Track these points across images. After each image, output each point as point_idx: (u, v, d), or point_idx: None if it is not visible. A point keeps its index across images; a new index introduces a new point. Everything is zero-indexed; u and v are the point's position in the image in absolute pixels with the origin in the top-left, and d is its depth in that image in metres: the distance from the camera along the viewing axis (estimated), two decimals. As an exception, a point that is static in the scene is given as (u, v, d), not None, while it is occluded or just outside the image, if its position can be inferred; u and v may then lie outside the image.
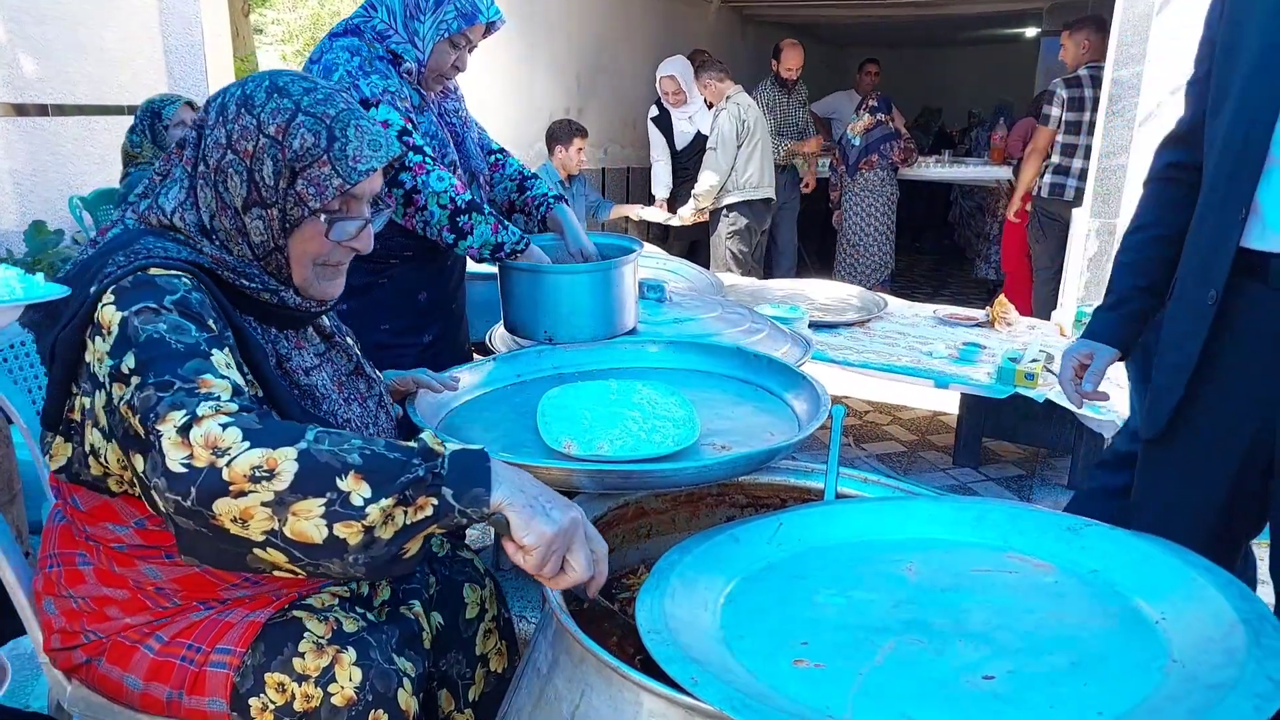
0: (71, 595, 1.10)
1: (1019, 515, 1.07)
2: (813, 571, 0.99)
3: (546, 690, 0.92)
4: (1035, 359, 2.88)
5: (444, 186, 1.63)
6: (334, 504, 0.79)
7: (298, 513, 0.79)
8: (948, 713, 0.73)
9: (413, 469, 0.82)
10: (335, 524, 0.79)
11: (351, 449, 0.82)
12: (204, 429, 0.81)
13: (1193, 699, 0.71)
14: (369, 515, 0.80)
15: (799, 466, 1.37)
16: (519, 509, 0.84)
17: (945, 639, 0.84)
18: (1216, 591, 0.87)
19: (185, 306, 0.94)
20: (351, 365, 1.23)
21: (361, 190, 1.06)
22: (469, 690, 1.29)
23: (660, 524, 1.34)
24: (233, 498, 0.79)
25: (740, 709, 0.68)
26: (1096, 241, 3.73)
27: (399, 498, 0.81)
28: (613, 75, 5.99)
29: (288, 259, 1.07)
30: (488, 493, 0.84)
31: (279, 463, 0.79)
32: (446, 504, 0.83)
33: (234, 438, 0.80)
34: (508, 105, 4.85)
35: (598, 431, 1.28)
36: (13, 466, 2.22)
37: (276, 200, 1.02)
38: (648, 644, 0.79)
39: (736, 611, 0.90)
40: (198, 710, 1.06)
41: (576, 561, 0.88)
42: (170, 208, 1.04)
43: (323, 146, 1.02)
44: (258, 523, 0.80)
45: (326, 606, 1.12)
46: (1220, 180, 1.29)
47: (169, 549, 1.05)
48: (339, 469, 0.80)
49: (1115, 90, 3.58)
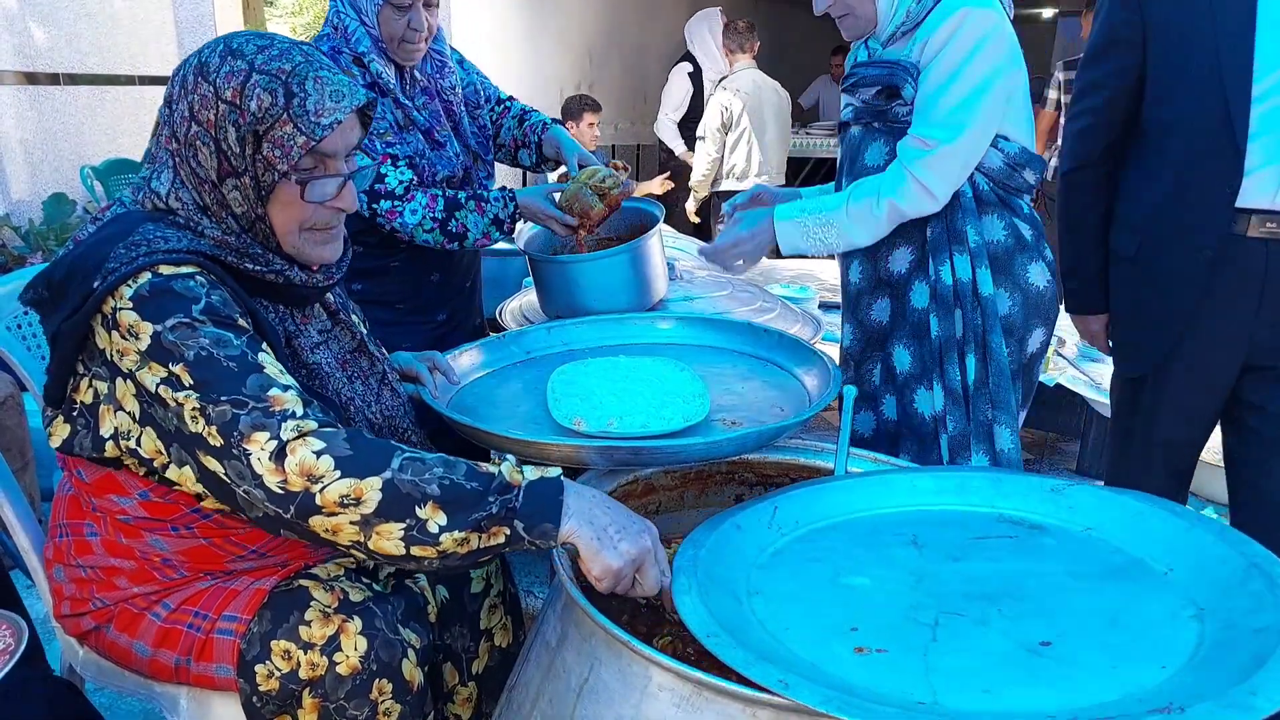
0: (80, 564, 1.10)
1: (1000, 480, 1.09)
2: (823, 554, 0.99)
3: (555, 663, 0.92)
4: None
5: (419, 217, 1.66)
6: (412, 529, 0.87)
7: (381, 533, 0.88)
8: (1025, 683, 0.73)
9: (487, 505, 0.88)
10: (412, 546, 0.88)
11: (432, 479, 0.88)
12: (298, 458, 0.88)
13: (1246, 644, 0.72)
14: (443, 543, 0.88)
15: (808, 445, 1.36)
16: (586, 542, 0.90)
17: (982, 609, 0.84)
18: (1214, 539, 0.89)
19: (214, 313, 0.95)
20: (355, 343, 1.23)
21: (332, 146, 1.01)
22: (473, 664, 1.30)
23: (669, 500, 1.34)
24: (325, 517, 0.88)
25: (845, 709, 0.67)
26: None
27: (475, 530, 0.88)
28: (624, 50, 5.92)
29: (272, 228, 1.03)
30: (556, 528, 0.90)
31: (365, 492, 0.87)
32: (517, 534, 0.89)
33: (327, 466, 0.88)
34: (519, 81, 4.81)
35: (608, 408, 1.28)
36: (25, 435, 2.23)
37: (246, 168, 0.99)
38: (713, 649, 0.77)
39: (769, 603, 0.89)
40: (205, 676, 1.07)
41: (645, 580, 0.93)
42: (164, 190, 1.01)
43: (281, 105, 0.97)
44: (345, 535, 0.89)
45: (332, 577, 1.12)
46: (1198, 156, 1.49)
47: (174, 521, 1.05)
48: (419, 499, 0.87)
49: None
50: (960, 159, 1.42)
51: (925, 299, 1.55)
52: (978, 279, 1.50)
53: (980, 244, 1.50)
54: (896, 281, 1.60)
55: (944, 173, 1.42)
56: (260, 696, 1.03)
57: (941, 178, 1.42)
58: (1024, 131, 1.51)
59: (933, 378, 1.56)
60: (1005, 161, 1.49)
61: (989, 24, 1.38)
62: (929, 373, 1.57)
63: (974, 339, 1.52)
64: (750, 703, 0.75)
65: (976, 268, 1.50)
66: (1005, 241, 1.52)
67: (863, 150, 1.54)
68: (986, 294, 1.50)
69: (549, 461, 1.28)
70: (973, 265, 1.50)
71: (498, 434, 1.23)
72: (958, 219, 1.48)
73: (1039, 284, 1.54)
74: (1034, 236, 1.55)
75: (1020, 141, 1.51)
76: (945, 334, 1.53)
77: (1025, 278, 1.54)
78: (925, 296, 1.55)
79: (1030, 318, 1.56)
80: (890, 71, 1.43)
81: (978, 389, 1.52)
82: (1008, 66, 1.42)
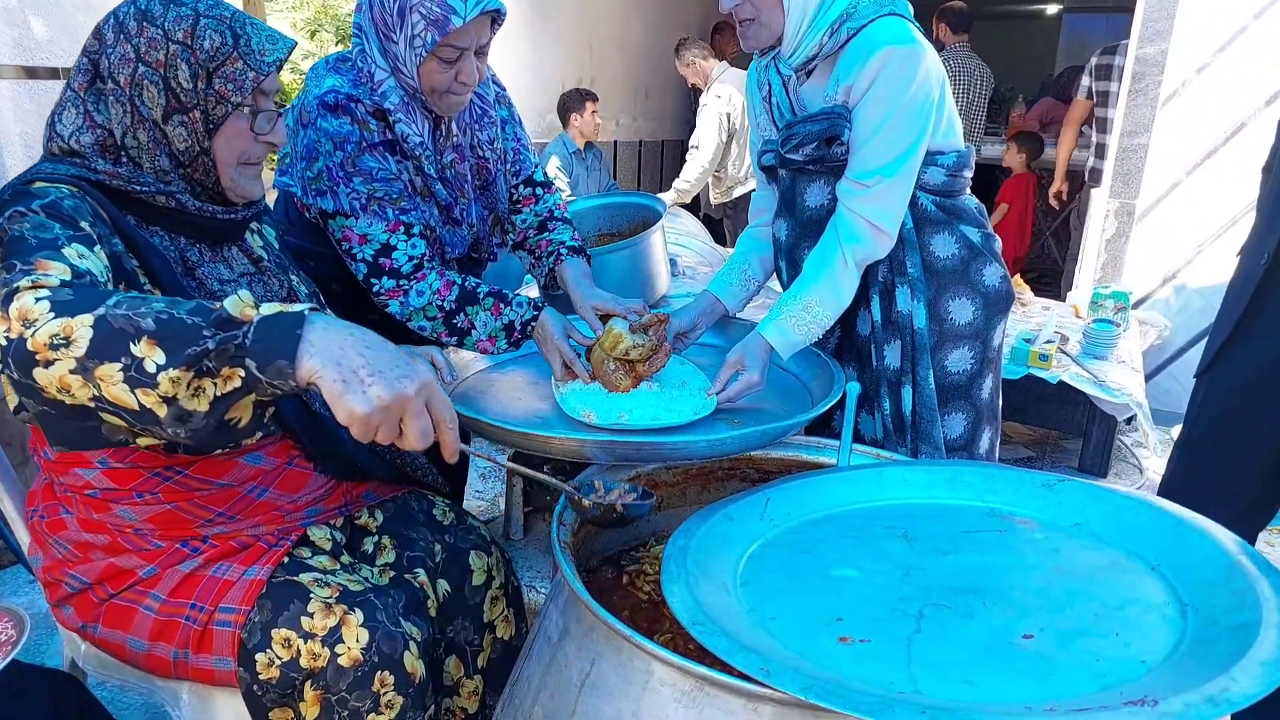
0: (56, 542, 1.12)
1: (992, 475, 1.09)
2: (814, 546, 1.00)
3: (557, 658, 0.93)
4: (1049, 340, 2.86)
5: (425, 300, 1.42)
6: (130, 369, 0.78)
7: (103, 378, 0.78)
8: (1006, 675, 0.73)
9: (203, 340, 0.78)
10: (136, 390, 0.78)
11: (149, 313, 0.79)
12: (19, 302, 0.80)
13: (1224, 641, 0.73)
14: (160, 384, 0.77)
15: (810, 441, 1.36)
16: (329, 384, 0.79)
17: (967, 602, 0.85)
18: (1201, 536, 0.89)
19: (54, 209, 0.94)
20: (284, 292, 1.24)
21: (269, 85, 1.11)
22: (477, 657, 1.30)
23: (671, 497, 1.34)
24: (43, 367, 0.78)
25: (823, 695, 0.68)
26: (1115, 222, 3.68)
27: (195, 369, 0.78)
28: (625, 45, 5.91)
29: (214, 161, 1.09)
30: (291, 366, 0.79)
31: (75, 329, 0.78)
32: (253, 375, 0.80)
33: (42, 310, 0.79)
34: (519, 76, 4.80)
35: (618, 401, 1.28)
36: (25, 429, 2.23)
37: (197, 102, 1.06)
38: (698, 636, 0.77)
39: (757, 592, 0.90)
40: (204, 669, 1.07)
41: (412, 431, 0.83)
42: (68, 133, 1.06)
43: (230, 44, 1.06)
44: (79, 390, 0.79)
45: (329, 570, 1.13)
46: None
47: (138, 488, 1.07)
48: (132, 334, 0.78)
49: (1138, 68, 3.51)
50: (901, 190, 1.42)
51: (867, 328, 1.57)
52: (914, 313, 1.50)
53: (919, 275, 1.50)
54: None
55: (889, 206, 1.42)
56: (261, 685, 1.04)
57: (887, 212, 1.42)
58: (954, 135, 1.50)
59: (874, 405, 1.58)
60: (947, 174, 1.50)
61: (912, 60, 1.35)
62: (870, 400, 1.58)
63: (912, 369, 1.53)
64: (752, 698, 0.75)
65: (915, 301, 1.50)
66: (960, 254, 1.53)
67: (801, 194, 1.52)
68: (919, 327, 1.51)
69: (550, 455, 1.28)
70: (911, 297, 1.50)
71: (498, 426, 1.23)
72: (897, 250, 1.49)
73: (994, 282, 1.55)
74: (982, 237, 1.55)
75: (955, 148, 1.50)
76: (879, 365, 1.55)
77: (982, 282, 1.55)
78: (867, 325, 1.56)
79: (993, 316, 1.57)
80: (831, 123, 1.41)
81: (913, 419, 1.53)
82: (936, 95, 1.41)
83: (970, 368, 1.57)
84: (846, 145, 1.42)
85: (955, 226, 1.52)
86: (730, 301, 1.63)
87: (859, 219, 1.42)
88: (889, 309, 1.52)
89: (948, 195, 1.52)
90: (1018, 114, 6.16)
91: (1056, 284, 5.20)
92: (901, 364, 1.53)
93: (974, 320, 1.55)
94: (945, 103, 1.46)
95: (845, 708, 0.66)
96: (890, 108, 1.36)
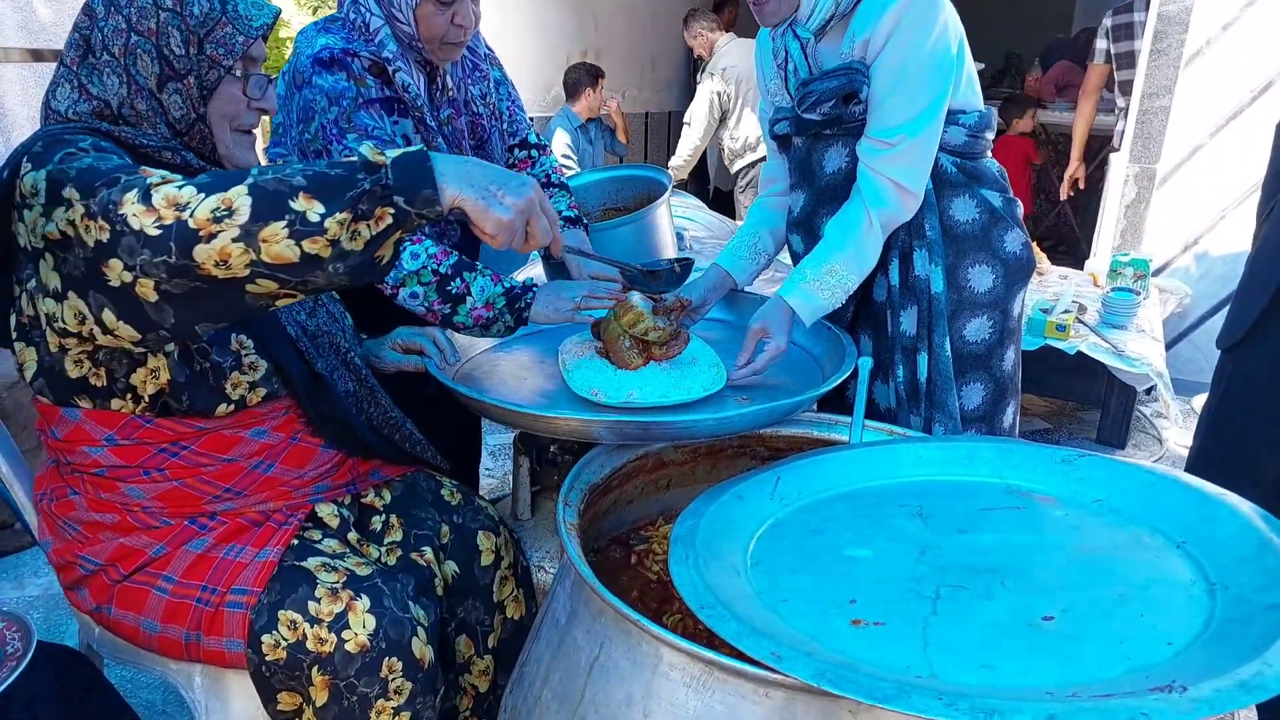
0: (65, 524, 1.12)
1: (1009, 450, 1.06)
2: (826, 525, 0.98)
3: (565, 641, 0.92)
4: (1067, 310, 2.81)
5: (419, 264, 1.38)
6: (294, 223, 0.84)
7: (267, 239, 0.84)
8: (1025, 658, 0.71)
9: (358, 184, 0.86)
10: (302, 241, 0.84)
11: (295, 173, 0.86)
12: (162, 193, 0.85)
13: (1256, 622, 0.70)
14: (329, 229, 0.85)
15: (820, 418, 1.34)
16: (473, 203, 0.90)
17: (986, 582, 0.82)
18: (1229, 512, 0.86)
19: (100, 146, 0.99)
20: None
21: (257, 52, 1.12)
22: (488, 637, 1.30)
23: (680, 476, 1.33)
24: (205, 242, 0.84)
25: (836, 681, 0.66)
26: (1135, 187, 3.59)
27: (353, 212, 0.85)
28: (631, 15, 5.81)
29: (210, 127, 1.11)
30: (436, 193, 0.88)
31: (234, 200, 0.84)
32: (402, 210, 0.88)
33: (190, 193, 0.85)
34: (524, 47, 4.73)
35: (626, 379, 1.26)
36: (37, 414, 2.25)
37: (191, 68, 1.07)
38: (707, 621, 0.76)
39: (768, 574, 0.88)
40: (215, 651, 1.07)
41: (537, 231, 0.97)
42: (64, 107, 1.07)
43: (219, 9, 1.08)
44: (237, 259, 0.84)
45: (337, 553, 1.12)
46: None
47: (145, 465, 1.07)
48: (288, 193, 0.85)
49: (1160, 26, 3.40)
50: (926, 148, 1.38)
51: (884, 293, 1.52)
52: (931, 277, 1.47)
53: (936, 238, 1.46)
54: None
55: (914, 165, 1.37)
56: (268, 666, 1.04)
57: (912, 171, 1.37)
58: (973, 94, 1.46)
59: (888, 373, 1.54)
60: (969, 134, 1.45)
61: (931, 11, 1.31)
62: (885, 367, 1.55)
63: (928, 336, 1.49)
64: (762, 683, 0.74)
65: (932, 265, 1.46)
66: (980, 219, 1.48)
67: (819, 159, 1.48)
68: (937, 292, 1.46)
69: (557, 436, 1.27)
70: (929, 260, 1.46)
71: (503, 406, 1.22)
72: (917, 212, 1.44)
73: (1015, 249, 1.51)
74: (1004, 202, 1.51)
75: (975, 108, 1.46)
76: (895, 332, 1.51)
77: (1004, 249, 1.50)
78: (884, 291, 1.52)
79: (1014, 284, 1.52)
80: (849, 79, 1.37)
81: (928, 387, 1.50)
82: (956, 45, 1.36)
83: (989, 337, 1.53)
84: (864, 103, 1.38)
85: (976, 190, 1.48)
86: (740, 275, 1.60)
87: (883, 179, 1.37)
88: (907, 273, 1.48)
89: (969, 157, 1.48)
90: (1033, 78, 5.99)
91: (1073, 253, 5.11)
92: (918, 330, 1.49)
93: (994, 288, 1.50)
94: (965, 58, 1.41)
95: (859, 694, 0.64)
96: (910, 59, 1.32)
